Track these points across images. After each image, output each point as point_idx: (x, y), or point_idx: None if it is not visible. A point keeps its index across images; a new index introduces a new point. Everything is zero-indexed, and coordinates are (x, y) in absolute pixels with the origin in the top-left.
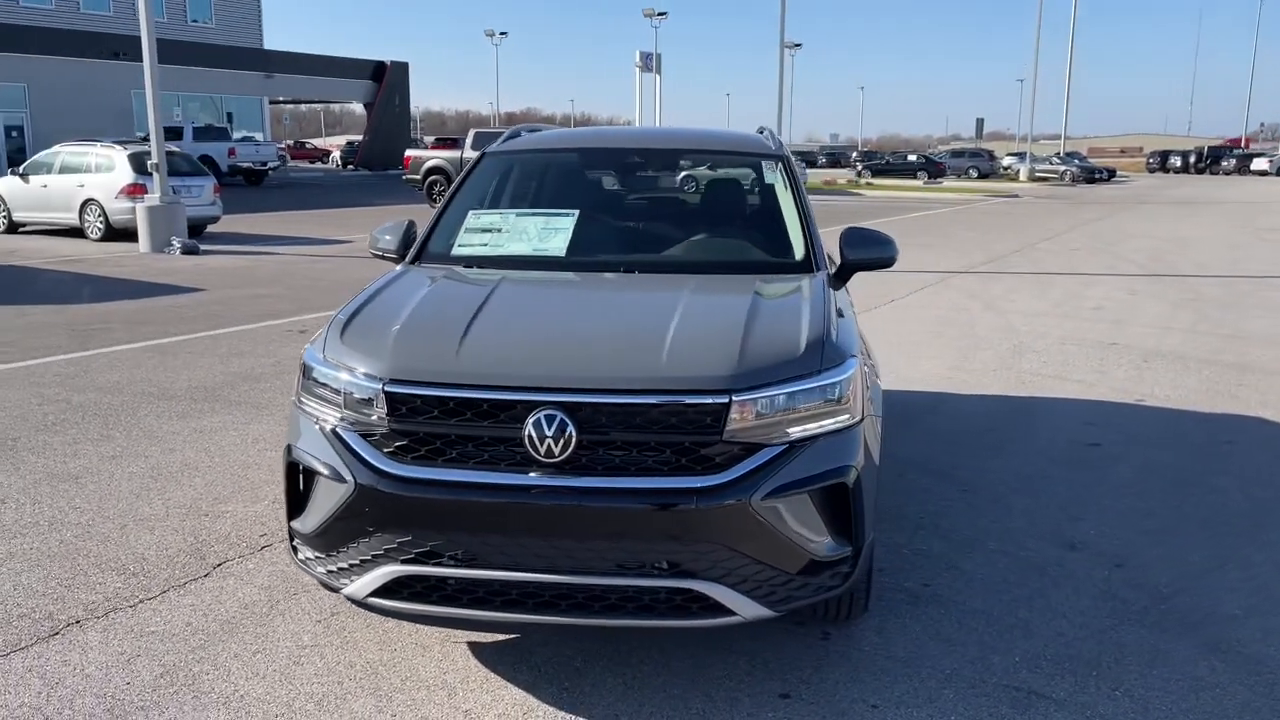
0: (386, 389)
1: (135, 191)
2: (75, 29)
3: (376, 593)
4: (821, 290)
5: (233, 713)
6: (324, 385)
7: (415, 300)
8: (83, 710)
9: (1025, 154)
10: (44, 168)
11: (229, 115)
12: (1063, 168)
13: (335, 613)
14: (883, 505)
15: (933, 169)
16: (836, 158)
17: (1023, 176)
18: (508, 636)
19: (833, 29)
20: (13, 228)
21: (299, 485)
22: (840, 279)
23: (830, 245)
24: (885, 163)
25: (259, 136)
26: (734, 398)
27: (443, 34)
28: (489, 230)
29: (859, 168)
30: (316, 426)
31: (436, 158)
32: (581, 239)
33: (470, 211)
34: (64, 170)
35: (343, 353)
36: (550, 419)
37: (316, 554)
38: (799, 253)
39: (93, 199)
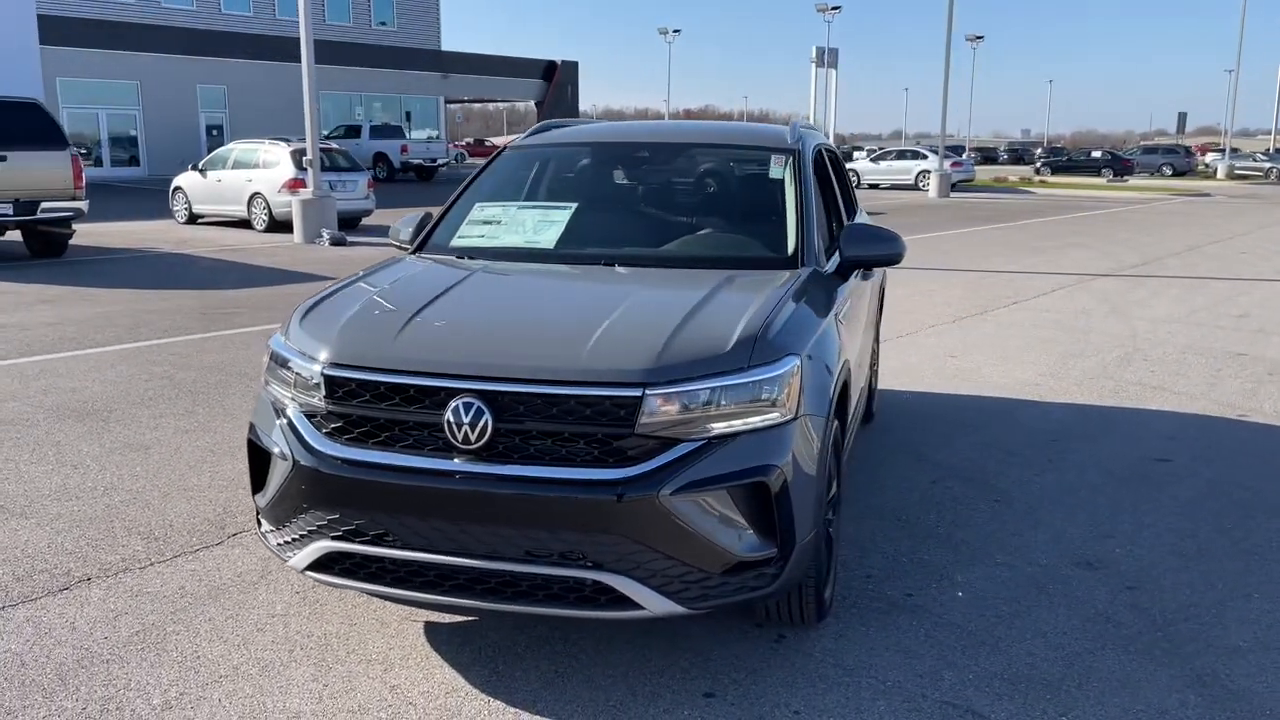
0: (325, 372)
1: (295, 186)
2: (269, 34)
3: (312, 567)
4: (793, 286)
5: (183, 671)
6: (281, 368)
7: (378, 289)
8: (56, 659)
9: (1224, 150)
10: (219, 163)
11: (408, 114)
12: (1268, 165)
13: (314, 586)
14: (902, 511)
15: (1118, 166)
16: (1020, 154)
17: (1220, 174)
18: (466, 618)
19: (1023, 20)
20: (193, 219)
21: (258, 462)
22: (841, 275)
23: (950, 246)
24: (1067, 160)
25: (431, 134)
26: (647, 391)
27: (617, 33)
28: (490, 222)
29: (1038, 165)
30: (273, 407)
31: None
32: (573, 232)
33: (476, 204)
34: (236, 166)
35: (299, 337)
36: (468, 406)
37: (270, 527)
38: (789, 248)
39: (259, 193)
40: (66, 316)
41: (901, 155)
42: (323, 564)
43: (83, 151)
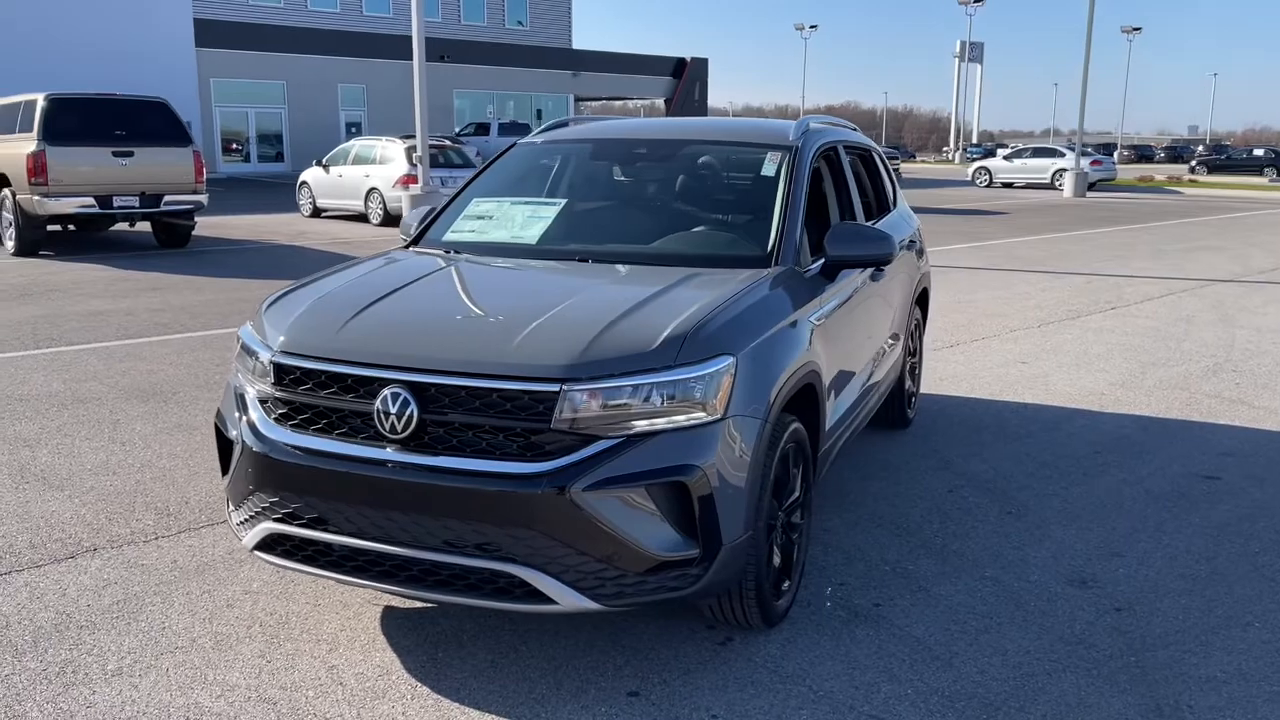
0: (274, 359)
1: (408, 182)
2: (408, 34)
3: (259, 547)
4: (753, 285)
5: (145, 640)
6: (245, 355)
7: (344, 282)
8: (37, 622)
9: None
10: (341, 159)
11: (539, 112)
12: None
13: None
14: (904, 519)
15: None
16: (1178, 152)
17: None
18: (424, 604)
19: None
20: (316, 213)
21: (223, 446)
22: (827, 276)
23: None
24: (1225, 158)
25: None
26: (565, 387)
27: (752, 29)
28: (483, 217)
29: (1192, 164)
30: (235, 393)
31: None
32: (559, 228)
33: (474, 199)
34: (356, 161)
35: (261, 326)
36: (395, 396)
37: (232, 508)
38: (766, 247)
39: (375, 188)
40: (169, 303)
41: (1038, 153)
42: (267, 545)
43: (235, 146)
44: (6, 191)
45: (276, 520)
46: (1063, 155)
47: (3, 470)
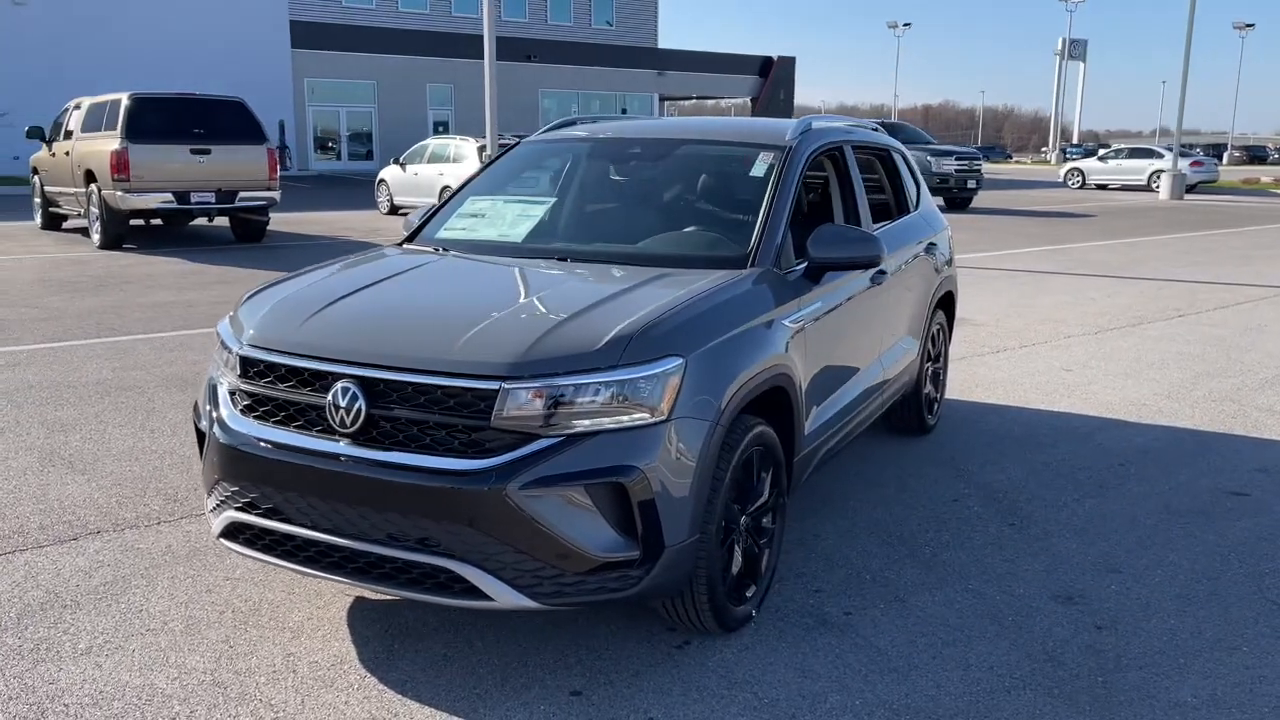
0: (240, 352)
1: None
2: (495, 34)
3: (222, 535)
4: (721, 287)
5: (120, 621)
6: (220, 349)
7: (320, 278)
8: (26, 600)
9: None
10: (417, 157)
11: (623, 111)
12: None
13: None
14: (899, 528)
15: None
16: None
17: None
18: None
19: None
20: (394, 210)
21: (200, 436)
22: (812, 278)
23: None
24: None
25: None
26: (505, 385)
27: (843, 27)
28: (475, 215)
29: None
30: (209, 385)
31: None
32: (545, 227)
33: (470, 197)
34: (431, 160)
35: (236, 320)
36: (345, 390)
37: (206, 495)
38: (745, 248)
39: (448, 185)
40: (230, 296)
41: (1134, 154)
42: (230, 533)
43: (330, 144)
44: (93, 187)
45: (237, 509)
46: (1161, 156)
47: (35, 453)
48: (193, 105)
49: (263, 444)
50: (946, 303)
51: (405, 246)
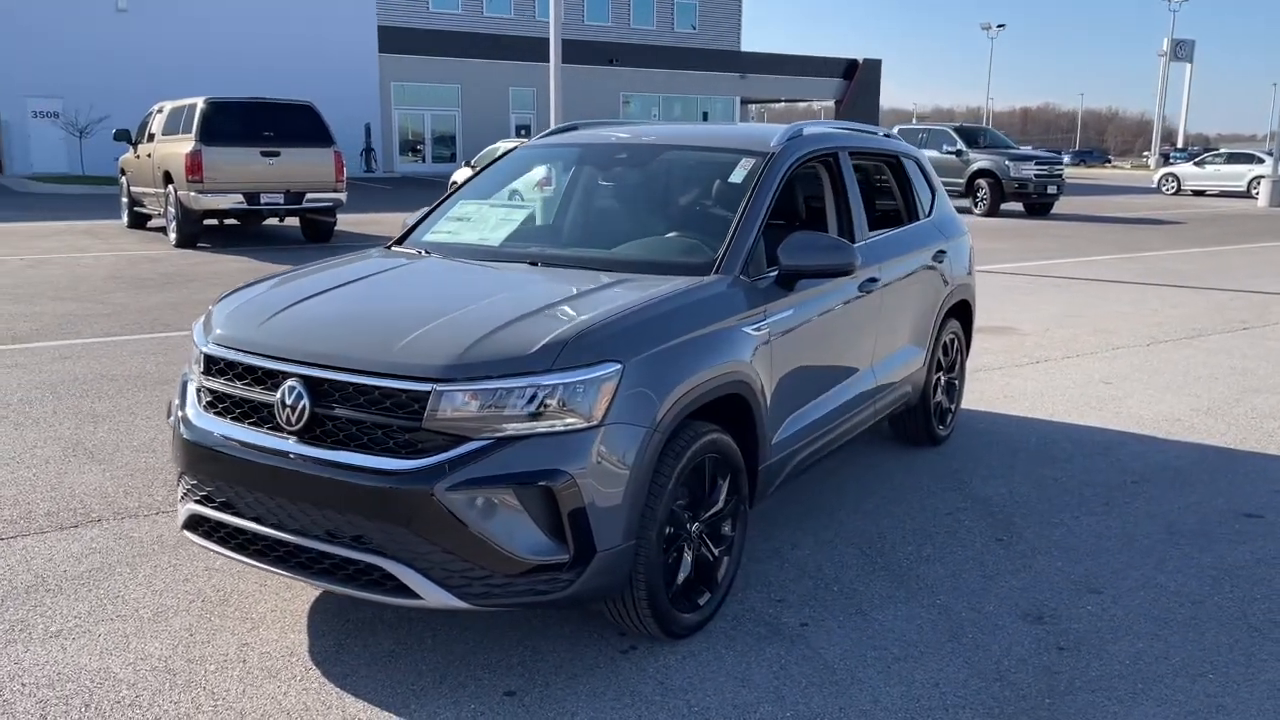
0: (204, 350)
1: (542, 185)
2: (577, 39)
3: (184, 526)
4: (675, 293)
5: (95, 607)
6: (193, 347)
7: (294, 280)
8: (14, 583)
9: None
10: (488, 160)
11: (704, 115)
12: None
13: None
14: (880, 540)
15: None
16: None
17: None
18: None
19: None
20: None
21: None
22: (784, 286)
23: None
24: None
25: None
26: (438, 387)
27: (934, 28)
28: (462, 219)
29: None
30: (182, 383)
31: None
32: (524, 231)
33: (461, 201)
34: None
35: (209, 319)
36: (291, 389)
37: (176, 487)
38: (711, 255)
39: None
40: None
41: (1233, 158)
42: (191, 525)
43: (417, 146)
44: (170, 187)
45: (196, 501)
46: (1261, 161)
47: (61, 443)
48: (264, 109)
49: (220, 439)
50: (961, 312)
51: (393, 249)
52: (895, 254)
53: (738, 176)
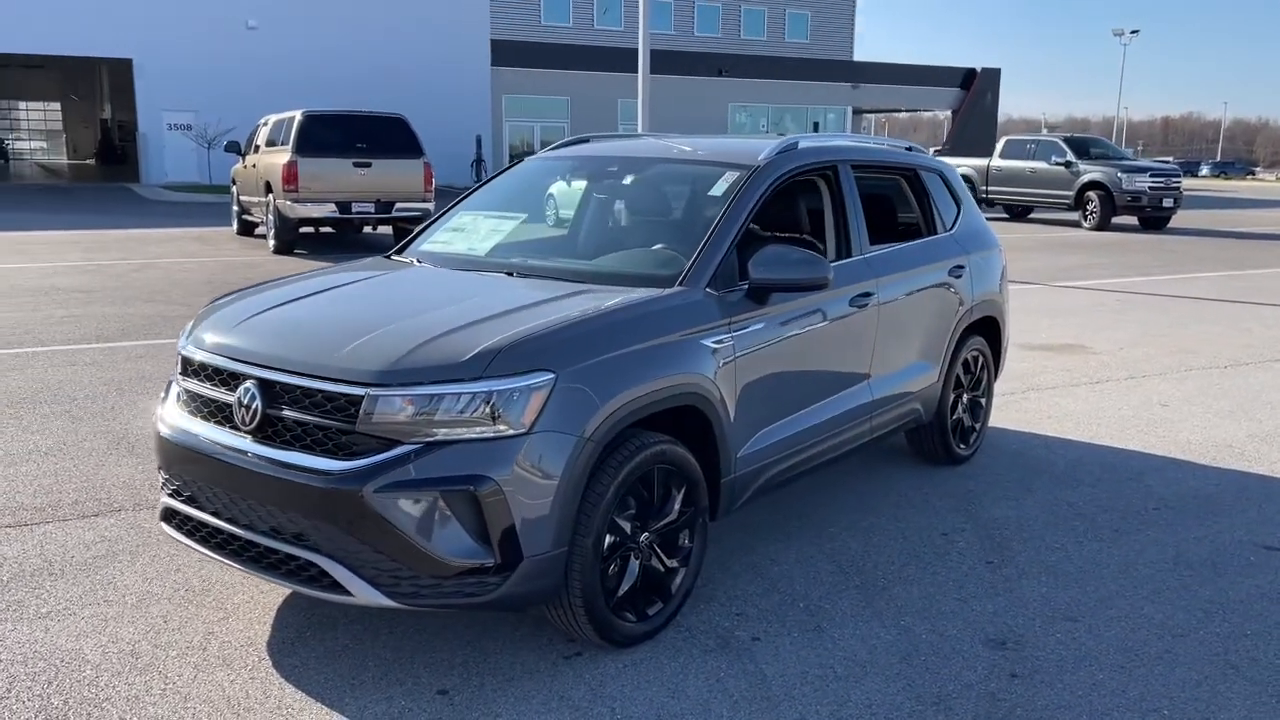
0: (180, 351)
1: None
2: (686, 50)
3: (160, 518)
4: (625, 305)
5: (86, 591)
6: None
7: (278, 286)
8: (23, 568)
9: None
10: None
11: (815, 125)
12: None
13: None
14: (864, 559)
15: None
16: None
17: None
18: None
19: None
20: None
21: None
22: (756, 299)
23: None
24: None
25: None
26: (370, 391)
27: (1062, 33)
28: (456, 230)
29: None
30: (168, 383)
31: (963, 165)
32: (509, 242)
33: (459, 211)
34: None
35: (193, 323)
36: (247, 390)
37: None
38: (678, 268)
39: None
40: None
41: None
42: (166, 517)
43: (527, 153)
44: (270, 196)
45: (169, 495)
46: None
47: (109, 437)
48: (357, 121)
49: (191, 437)
50: (986, 328)
51: (391, 257)
52: (900, 268)
53: (718, 190)
